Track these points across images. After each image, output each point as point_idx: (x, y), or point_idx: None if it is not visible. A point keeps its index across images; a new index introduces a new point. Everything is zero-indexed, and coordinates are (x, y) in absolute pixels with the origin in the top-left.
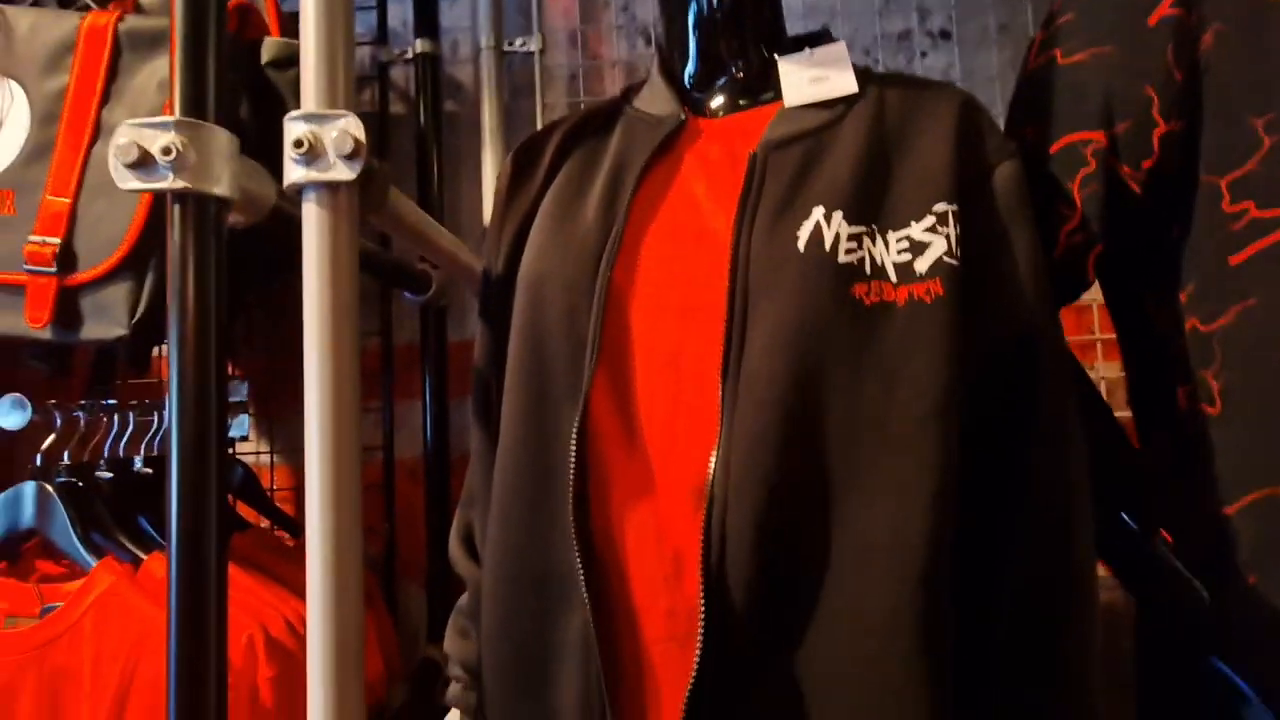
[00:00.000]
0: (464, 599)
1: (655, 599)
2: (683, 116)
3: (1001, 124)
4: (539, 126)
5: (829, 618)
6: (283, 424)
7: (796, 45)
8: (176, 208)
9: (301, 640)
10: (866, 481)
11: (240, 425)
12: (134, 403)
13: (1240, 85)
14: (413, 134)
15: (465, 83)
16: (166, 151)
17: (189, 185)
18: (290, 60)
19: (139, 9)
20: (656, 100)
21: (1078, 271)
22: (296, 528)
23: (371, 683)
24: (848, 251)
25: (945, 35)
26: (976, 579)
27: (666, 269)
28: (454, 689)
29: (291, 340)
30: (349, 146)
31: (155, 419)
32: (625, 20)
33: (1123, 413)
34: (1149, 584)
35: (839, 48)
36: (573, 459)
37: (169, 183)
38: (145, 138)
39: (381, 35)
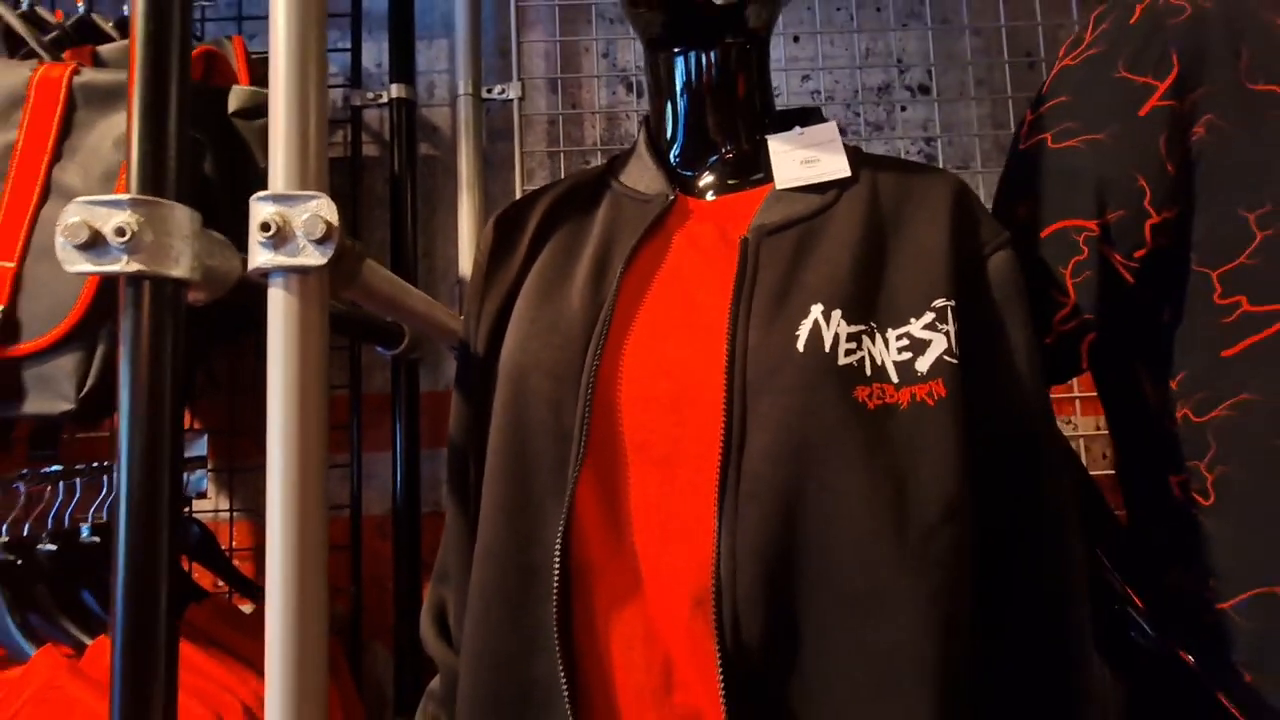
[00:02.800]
0: (436, 683)
1: (643, 712)
2: (672, 196)
3: (988, 200)
4: (517, 173)
5: None
6: (243, 478)
7: (786, 122)
8: (130, 291)
9: None
10: (883, 595)
11: (198, 481)
12: (80, 466)
13: (1232, 177)
14: (385, 177)
15: (441, 126)
16: (120, 232)
17: (144, 268)
18: (259, 110)
19: (98, 60)
20: (644, 177)
21: (1070, 358)
22: (257, 591)
23: None
24: (848, 353)
25: (924, 89)
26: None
27: (657, 358)
28: None
29: (253, 389)
30: (320, 230)
31: (105, 483)
32: (605, 67)
33: (1098, 470)
34: (1144, 676)
35: (830, 128)
36: (556, 563)
37: (122, 265)
38: (97, 216)
39: (355, 77)
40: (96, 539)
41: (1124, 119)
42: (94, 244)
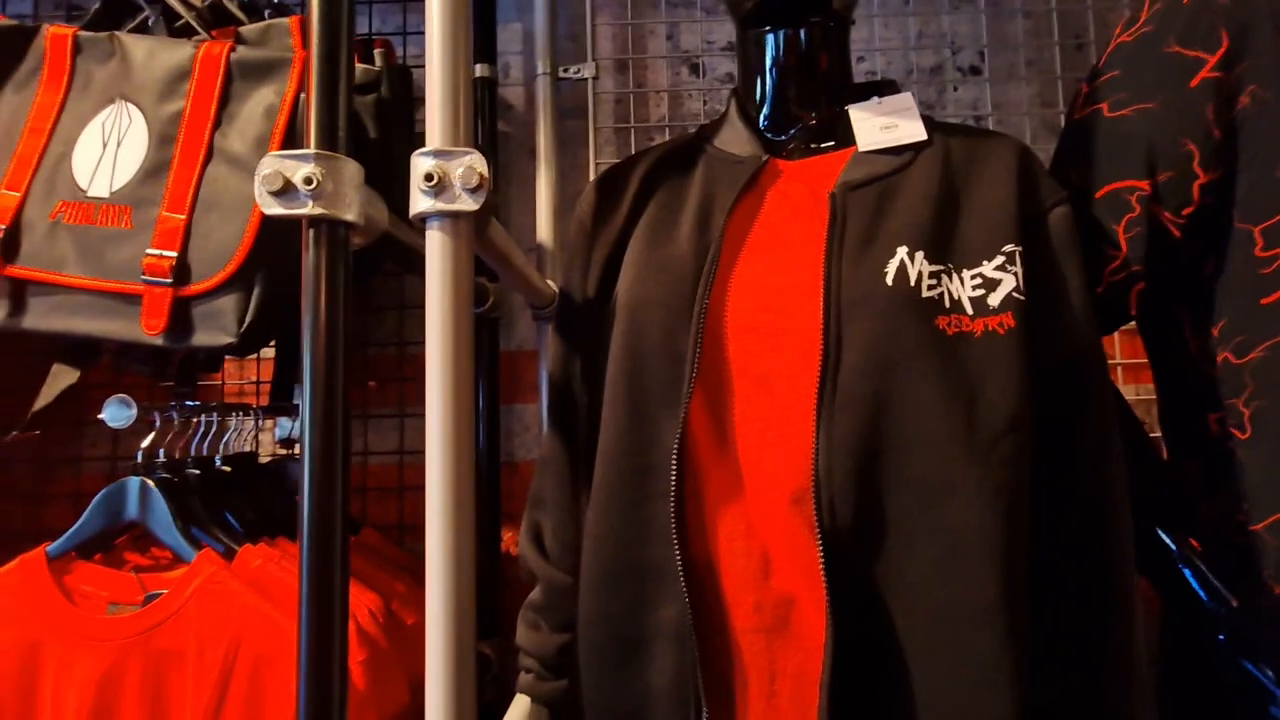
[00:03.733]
0: (535, 594)
1: (744, 593)
2: (764, 157)
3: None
4: (590, 148)
5: (928, 610)
6: None
7: (862, 93)
8: (312, 231)
9: (382, 628)
10: (956, 487)
11: (295, 427)
12: (213, 404)
13: (1272, 142)
14: None
15: (515, 104)
16: (308, 181)
17: (325, 212)
18: (368, 86)
19: (239, 39)
20: (737, 141)
21: (1119, 306)
22: (355, 525)
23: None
24: (930, 288)
25: (975, 70)
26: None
27: (757, 294)
28: (525, 679)
29: (348, 340)
30: (474, 180)
31: (234, 421)
32: (670, 49)
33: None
34: (1179, 591)
35: (906, 97)
36: (674, 463)
37: (309, 209)
38: (288, 168)
39: None
40: (228, 469)
41: (1175, 89)
42: (285, 191)
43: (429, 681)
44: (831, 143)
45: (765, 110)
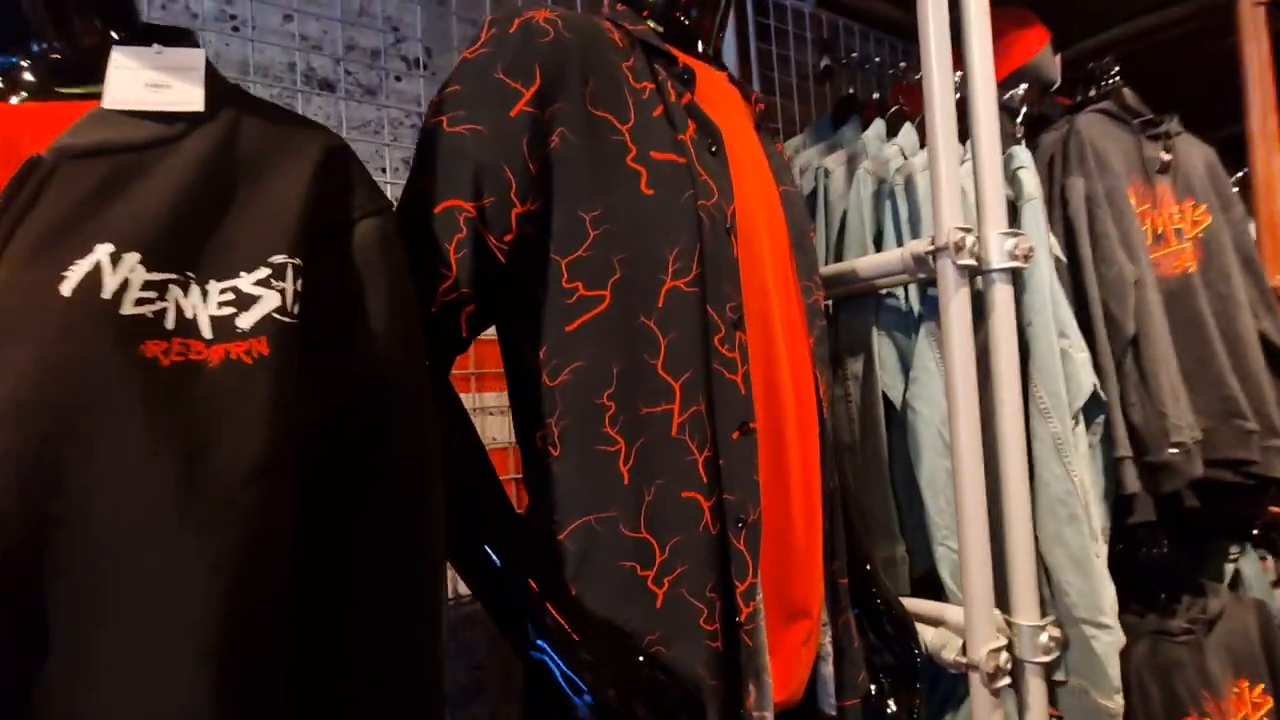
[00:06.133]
0: None
1: None
2: None
3: None
4: None
5: None
6: None
7: (146, 37)
8: None
9: None
10: (169, 565)
11: None
12: None
13: (576, 183)
14: None
15: None
16: None
17: None
18: None
19: None
20: None
21: (453, 328)
22: None
23: None
24: (139, 302)
25: (420, 65)
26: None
27: None
28: None
29: None
30: None
31: None
32: None
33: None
34: (501, 605)
35: (196, 55)
36: None
37: None
38: None
39: None
40: None
41: (499, 116)
42: None
43: None
44: (79, 89)
45: None
